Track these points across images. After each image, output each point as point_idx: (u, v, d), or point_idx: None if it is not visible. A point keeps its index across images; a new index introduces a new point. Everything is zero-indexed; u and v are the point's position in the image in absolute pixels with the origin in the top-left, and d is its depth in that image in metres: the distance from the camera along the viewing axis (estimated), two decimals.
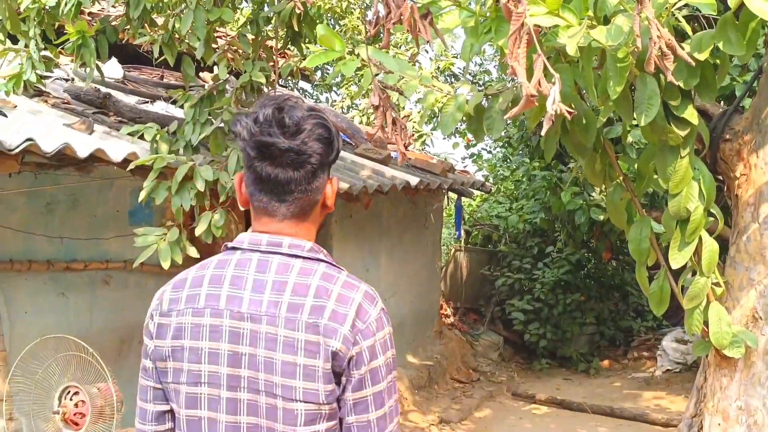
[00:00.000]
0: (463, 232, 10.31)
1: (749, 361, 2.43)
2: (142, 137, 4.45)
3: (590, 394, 8.35)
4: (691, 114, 2.16)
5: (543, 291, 9.43)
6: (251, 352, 1.41)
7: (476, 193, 9.49)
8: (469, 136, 11.32)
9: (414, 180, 6.59)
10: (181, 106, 4.46)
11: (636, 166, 2.57)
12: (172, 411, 1.53)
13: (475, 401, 7.84)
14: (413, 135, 8.73)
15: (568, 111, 1.46)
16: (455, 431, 6.89)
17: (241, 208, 1.59)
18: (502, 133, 10.25)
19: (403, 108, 9.77)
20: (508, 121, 9.49)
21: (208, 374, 1.44)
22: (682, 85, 2.10)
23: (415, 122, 9.70)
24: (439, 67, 10.49)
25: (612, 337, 10.06)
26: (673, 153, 2.23)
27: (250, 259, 1.48)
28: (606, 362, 9.66)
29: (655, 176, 2.59)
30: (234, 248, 1.52)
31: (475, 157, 11.87)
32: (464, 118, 2.88)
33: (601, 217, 6.68)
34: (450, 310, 10.09)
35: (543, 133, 1.61)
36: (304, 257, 1.48)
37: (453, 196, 9.55)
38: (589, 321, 9.74)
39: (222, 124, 4.28)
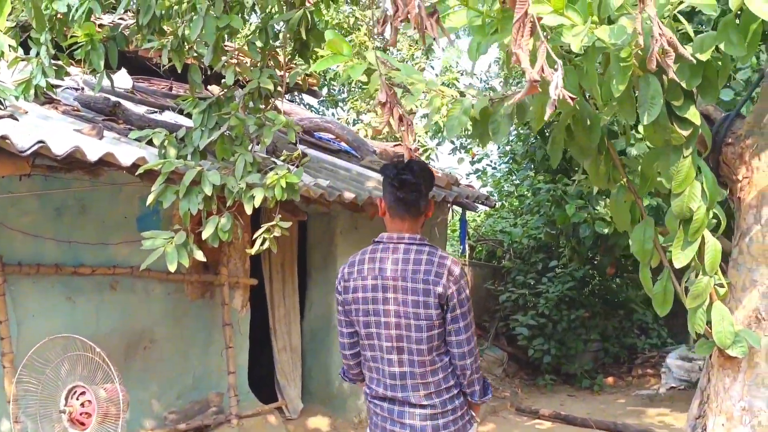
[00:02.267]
0: (467, 247, 10.32)
1: (752, 361, 2.44)
2: (150, 143, 4.49)
3: (594, 410, 8.32)
4: (693, 114, 2.19)
5: (547, 306, 9.42)
6: (394, 296, 2.63)
7: (481, 208, 9.51)
8: (475, 150, 11.37)
9: None
10: (188, 115, 4.50)
11: (639, 168, 2.60)
12: (356, 331, 2.79)
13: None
14: (418, 149, 8.77)
15: (570, 97, 1.48)
16: None
17: (380, 216, 2.80)
18: (507, 148, 10.32)
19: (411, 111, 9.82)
20: (513, 133, 9.53)
21: (372, 309, 2.68)
22: (684, 85, 2.13)
23: (419, 136, 9.74)
24: (444, 83, 10.55)
25: (616, 355, 10.02)
26: (676, 153, 2.26)
27: (389, 247, 2.70)
28: (610, 379, 9.64)
29: (659, 178, 2.63)
30: (378, 242, 2.74)
31: (480, 173, 11.89)
32: (469, 126, 2.93)
33: (606, 231, 6.67)
34: None
35: (546, 117, 1.63)
36: (417, 244, 2.68)
37: (457, 210, 9.57)
38: (594, 338, 9.71)
39: (228, 131, 4.32)
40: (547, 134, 8.00)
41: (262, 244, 4.15)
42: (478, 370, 2.77)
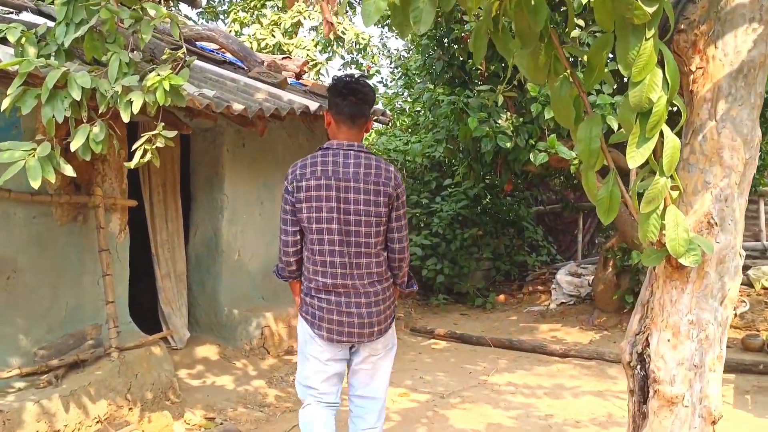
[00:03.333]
0: None
1: (702, 271, 2.23)
2: (4, 41, 3.85)
3: (487, 328, 8.34)
4: None
5: (441, 226, 9.28)
6: (346, 195, 2.98)
7: (375, 125, 9.16)
8: (368, 63, 10.90)
9: (313, 105, 6.17)
10: (51, 17, 3.86)
11: (585, 58, 2.29)
12: (300, 230, 3.11)
13: None
14: (307, 62, 8.25)
15: None
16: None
17: (326, 127, 3.19)
18: (400, 63, 9.92)
19: None
20: (407, 46, 9.12)
21: (325, 207, 2.98)
22: None
23: (308, 50, 9.19)
24: None
25: (507, 272, 10.09)
26: (637, 34, 1.96)
27: (339, 152, 3.03)
28: (502, 297, 9.70)
29: (606, 70, 2.33)
30: (327, 148, 3.06)
31: None
32: (388, 9, 2.54)
33: (508, 145, 6.46)
34: None
35: None
36: (365, 152, 3.06)
37: None
38: (486, 256, 9.70)
39: (98, 27, 3.73)
40: (446, 43, 7.64)
41: (142, 156, 3.65)
42: (409, 264, 3.29)
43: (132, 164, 3.62)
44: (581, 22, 6.04)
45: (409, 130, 11.13)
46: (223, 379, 6.02)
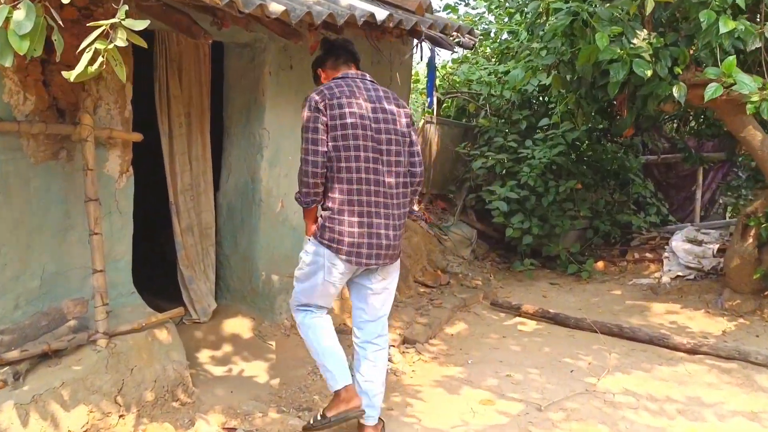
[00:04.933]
0: (435, 100, 8.21)
1: None
2: None
3: (585, 304, 6.79)
4: None
5: (531, 176, 7.59)
6: (375, 116, 3.34)
7: (457, 51, 7.49)
8: None
9: (381, 13, 4.61)
10: None
11: None
12: (327, 150, 3.30)
13: (445, 312, 6.21)
14: None
15: None
16: (422, 355, 5.25)
17: (323, 82, 3.57)
18: None
19: None
20: None
21: (361, 124, 3.29)
22: None
23: None
24: None
25: (607, 234, 8.37)
26: None
27: (356, 79, 3.47)
28: (600, 264, 8.04)
29: None
30: (345, 76, 3.46)
31: (449, 10, 9.77)
32: None
33: (648, 73, 4.70)
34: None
35: None
36: (374, 81, 3.53)
37: (424, 57, 7.57)
38: (583, 214, 7.99)
39: None
40: None
41: (91, 61, 2.20)
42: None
43: (72, 75, 2.16)
44: None
45: (494, 59, 9.42)
46: (254, 367, 4.71)
